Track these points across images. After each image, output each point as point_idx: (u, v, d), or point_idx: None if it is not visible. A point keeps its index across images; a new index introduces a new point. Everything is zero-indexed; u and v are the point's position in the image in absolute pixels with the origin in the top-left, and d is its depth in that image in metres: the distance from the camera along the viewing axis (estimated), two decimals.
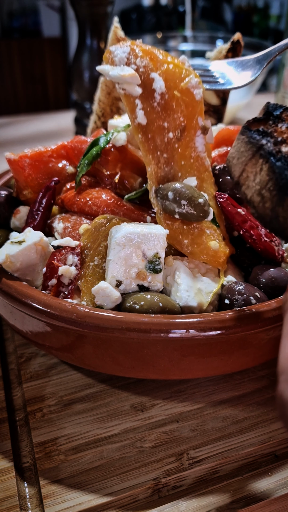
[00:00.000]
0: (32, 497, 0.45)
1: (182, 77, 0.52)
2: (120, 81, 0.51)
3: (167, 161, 0.53)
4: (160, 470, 0.46)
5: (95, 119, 0.91)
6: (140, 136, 0.52)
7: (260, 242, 0.53)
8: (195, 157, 0.54)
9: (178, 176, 0.53)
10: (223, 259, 0.52)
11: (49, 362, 0.59)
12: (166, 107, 0.52)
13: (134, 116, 0.52)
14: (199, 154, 0.54)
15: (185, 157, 0.53)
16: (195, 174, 0.54)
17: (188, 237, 0.51)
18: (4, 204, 0.63)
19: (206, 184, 0.55)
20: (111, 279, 0.48)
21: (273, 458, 0.48)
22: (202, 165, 0.54)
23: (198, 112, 0.53)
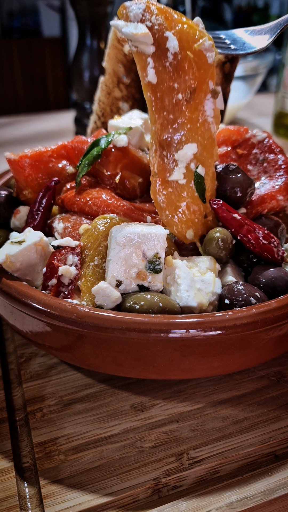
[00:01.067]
0: (32, 497, 0.45)
1: (196, 38, 0.51)
2: (133, 39, 0.50)
3: (172, 122, 0.52)
4: (160, 470, 0.46)
5: (95, 119, 0.91)
6: (149, 95, 0.52)
7: (259, 246, 0.53)
8: (202, 121, 0.53)
9: (182, 140, 0.53)
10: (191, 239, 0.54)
11: (49, 362, 0.59)
12: (178, 68, 0.51)
13: (144, 75, 0.51)
14: (206, 119, 0.53)
15: (192, 120, 0.53)
16: (198, 140, 0.53)
17: (172, 209, 0.53)
18: (4, 204, 0.63)
19: (207, 152, 0.54)
20: (111, 279, 0.48)
21: (273, 458, 0.48)
22: (208, 130, 0.54)
23: (209, 75, 0.53)
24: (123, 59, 0.86)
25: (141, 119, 0.71)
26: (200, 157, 0.54)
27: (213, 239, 0.53)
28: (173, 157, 0.54)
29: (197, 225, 0.55)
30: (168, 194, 0.54)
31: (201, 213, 0.54)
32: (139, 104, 0.90)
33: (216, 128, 0.55)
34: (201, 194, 0.54)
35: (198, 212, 0.55)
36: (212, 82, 0.53)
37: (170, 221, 0.54)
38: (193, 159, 0.54)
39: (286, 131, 1.21)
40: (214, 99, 0.53)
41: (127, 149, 0.62)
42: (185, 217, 0.54)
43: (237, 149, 0.68)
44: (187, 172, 0.54)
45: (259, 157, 0.67)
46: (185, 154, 0.53)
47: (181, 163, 0.54)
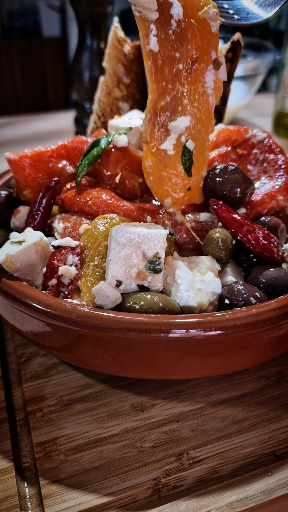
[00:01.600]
0: (32, 497, 0.45)
1: (200, 5, 0.50)
2: (137, 3, 0.49)
3: (170, 92, 0.51)
4: (160, 470, 0.46)
5: (95, 119, 0.91)
6: (149, 63, 0.51)
7: (259, 246, 0.53)
8: (201, 93, 0.52)
9: (178, 110, 0.52)
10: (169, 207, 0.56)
11: (49, 362, 0.59)
12: (181, 36, 0.50)
13: (146, 42, 0.50)
14: (206, 90, 0.52)
15: (190, 92, 0.52)
16: (193, 113, 0.52)
17: (156, 176, 0.54)
18: (4, 204, 0.63)
19: (202, 125, 0.53)
20: (111, 279, 0.48)
21: (273, 458, 0.48)
22: (206, 102, 0.53)
23: (212, 45, 0.52)
24: (123, 59, 0.86)
25: (141, 119, 0.71)
26: (192, 131, 0.53)
27: (213, 240, 0.53)
28: (165, 127, 0.53)
29: (177, 196, 0.56)
30: (155, 161, 0.55)
31: (184, 186, 0.55)
32: (139, 104, 0.90)
33: (215, 101, 0.54)
34: (187, 168, 0.55)
35: (181, 184, 0.55)
36: (215, 52, 0.52)
37: (153, 187, 0.56)
38: (184, 132, 0.53)
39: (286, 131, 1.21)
40: (216, 70, 0.52)
41: (127, 149, 0.62)
42: (167, 187, 0.55)
43: (237, 149, 0.68)
44: (177, 143, 0.54)
45: (259, 157, 0.67)
46: (177, 126, 0.53)
47: (173, 133, 0.53)
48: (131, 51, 0.85)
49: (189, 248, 0.58)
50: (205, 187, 0.58)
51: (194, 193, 0.57)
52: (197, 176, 0.56)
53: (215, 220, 0.58)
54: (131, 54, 0.85)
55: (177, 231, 0.58)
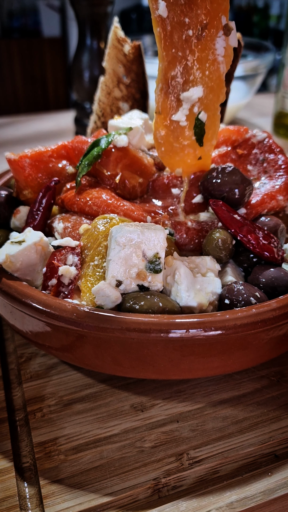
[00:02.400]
0: (32, 497, 0.45)
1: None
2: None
3: (180, 60, 0.51)
4: (160, 470, 0.46)
5: (95, 119, 0.91)
6: (158, 30, 0.50)
7: (259, 246, 0.53)
8: (212, 60, 0.51)
9: (190, 79, 0.51)
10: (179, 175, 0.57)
11: (49, 362, 0.59)
12: (191, 0, 0.48)
13: (155, 7, 0.49)
14: (217, 58, 0.51)
15: (201, 60, 0.51)
16: (205, 82, 0.52)
17: (167, 147, 0.54)
18: (4, 204, 0.63)
19: (213, 95, 0.53)
20: (111, 279, 0.48)
21: (273, 458, 0.48)
22: (217, 70, 0.52)
23: (222, 9, 0.50)
24: (123, 59, 0.86)
25: (141, 119, 0.71)
26: (205, 101, 0.53)
27: (213, 240, 0.53)
28: (177, 97, 0.53)
29: (188, 165, 0.57)
30: (167, 132, 0.55)
31: (195, 156, 0.55)
32: (139, 104, 0.90)
33: (226, 68, 0.52)
34: (199, 139, 0.55)
35: (193, 155, 0.56)
36: (225, 17, 0.51)
37: (164, 157, 0.56)
38: (197, 102, 0.53)
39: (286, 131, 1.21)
40: (226, 37, 0.51)
41: (127, 149, 0.62)
42: (179, 157, 0.56)
43: (237, 149, 0.68)
44: (189, 114, 0.53)
45: (259, 157, 0.67)
46: (190, 96, 0.52)
47: (185, 104, 0.53)
48: (131, 51, 0.85)
49: (189, 248, 0.58)
50: (203, 189, 0.58)
51: (205, 161, 0.57)
52: (208, 146, 0.55)
53: (215, 220, 0.58)
54: (131, 54, 0.85)
55: (177, 231, 0.58)
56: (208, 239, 0.54)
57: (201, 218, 0.59)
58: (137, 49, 0.85)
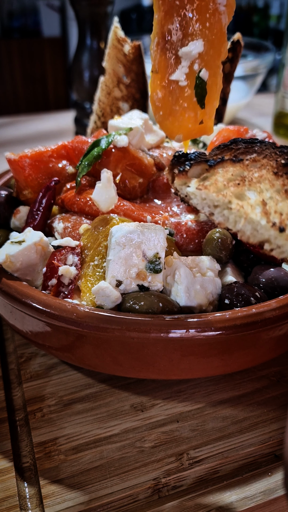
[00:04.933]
0: (32, 497, 0.45)
1: None
2: None
3: (178, 10, 0.46)
4: (160, 470, 0.46)
5: (95, 119, 0.91)
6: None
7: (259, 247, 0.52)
8: (213, 11, 0.46)
9: (188, 32, 0.47)
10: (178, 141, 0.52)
11: (49, 362, 0.59)
12: None
13: None
14: (218, 8, 0.47)
15: (200, 9, 0.46)
16: (205, 35, 0.47)
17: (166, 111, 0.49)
18: (4, 204, 0.63)
19: (214, 50, 0.48)
20: (111, 279, 0.48)
21: (273, 458, 0.48)
22: (218, 22, 0.47)
23: None
24: (123, 59, 0.86)
25: (141, 119, 0.71)
26: (205, 57, 0.48)
27: (213, 240, 0.53)
28: (176, 53, 0.48)
29: (189, 130, 0.51)
30: (165, 94, 0.50)
31: (196, 120, 0.50)
32: (139, 104, 0.90)
33: (228, 20, 0.48)
34: (200, 100, 0.50)
35: (194, 118, 0.51)
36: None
37: (162, 122, 0.51)
38: (197, 58, 0.48)
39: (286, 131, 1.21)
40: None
41: (128, 149, 0.62)
42: (178, 122, 0.51)
43: None
44: (189, 72, 0.49)
45: None
46: (189, 52, 0.47)
47: (184, 61, 0.48)
48: (131, 51, 0.85)
49: (189, 248, 0.58)
50: None
51: (206, 125, 0.51)
52: (210, 108, 0.51)
53: None
54: (131, 54, 0.85)
55: (177, 231, 0.58)
56: (208, 239, 0.54)
57: (201, 218, 0.59)
58: (137, 49, 0.85)
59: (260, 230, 0.42)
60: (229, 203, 0.43)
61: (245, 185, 0.44)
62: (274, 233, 0.41)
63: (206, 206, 0.46)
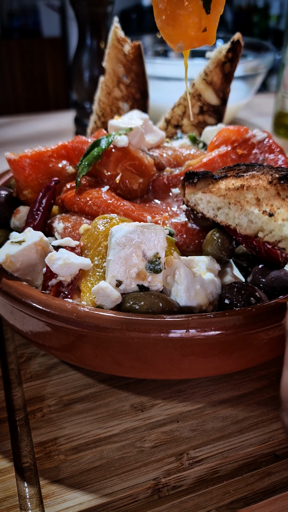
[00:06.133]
0: (32, 497, 0.45)
1: None
2: None
3: None
4: (160, 470, 0.46)
5: (95, 119, 0.91)
6: None
7: (264, 251, 0.52)
8: None
9: None
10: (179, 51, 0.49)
11: (49, 362, 0.59)
12: None
13: None
14: None
15: None
16: None
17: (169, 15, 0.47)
18: (4, 204, 0.63)
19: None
20: (111, 279, 0.48)
21: (273, 458, 0.48)
22: None
23: None
24: (123, 59, 0.86)
25: (141, 119, 0.71)
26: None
27: (213, 240, 0.53)
28: None
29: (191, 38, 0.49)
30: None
31: (201, 26, 0.48)
32: (139, 104, 0.90)
33: None
34: (207, 3, 0.47)
35: (197, 25, 0.48)
36: None
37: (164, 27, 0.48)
38: None
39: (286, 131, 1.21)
40: None
41: (128, 149, 0.62)
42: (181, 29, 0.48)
43: (237, 149, 0.68)
44: None
45: (259, 157, 0.67)
46: None
47: None
48: (131, 51, 0.85)
49: (189, 248, 0.58)
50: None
51: (209, 34, 0.49)
52: (215, 13, 0.48)
53: None
54: (131, 54, 0.85)
55: (178, 231, 0.58)
56: (208, 239, 0.54)
57: None
58: (137, 49, 0.85)
59: (254, 220, 0.46)
60: (230, 203, 0.48)
61: (243, 189, 0.48)
62: (265, 219, 0.45)
63: (211, 209, 0.51)
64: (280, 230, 0.44)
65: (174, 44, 0.49)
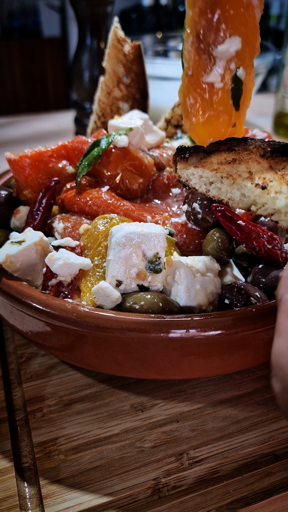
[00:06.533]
0: (32, 497, 0.45)
1: None
2: None
3: (212, 6, 0.43)
4: (160, 470, 0.46)
5: (95, 119, 0.91)
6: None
7: (264, 251, 0.52)
8: (246, 4, 0.44)
9: (222, 28, 0.44)
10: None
11: (49, 362, 0.59)
12: None
13: None
14: (251, 2, 0.44)
15: (234, 4, 0.43)
16: (241, 32, 0.44)
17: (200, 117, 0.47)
18: (4, 204, 0.63)
19: (249, 47, 0.46)
20: (111, 279, 0.48)
21: (273, 458, 0.48)
22: (252, 17, 0.45)
23: None
24: (123, 59, 0.86)
25: (141, 119, 0.71)
26: (242, 55, 0.45)
27: (213, 240, 0.53)
28: (210, 53, 0.45)
29: (221, 135, 0.49)
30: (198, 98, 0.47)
31: (230, 123, 0.48)
32: (139, 104, 0.90)
33: (260, 14, 0.45)
34: (236, 101, 0.48)
35: (228, 122, 0.48)
36: None
37: (194, 129, 0.48)
38: (234, 57, 0.45)
39: (286, 131, 1.21)
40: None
41: (128, 149, 0.62)
42: (212, 128, 0.48)
43: None
44: (225, 73, 0.46)
45: None
46: (226, 50, 0.45)
47: (219, 61, 0.45)
48: (131, 51, 0.85)
49: (189, 248, 0.58)
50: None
51: (238, 128, 0.49)
52: (244, 109, 0.49)
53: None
54: (131, 54, 0.85)
55: (178, 231, 0.58)
56: (208, 239, 0.54)
57: None
58: (137, 49, 0.85)
59: (247, 193, 0.45)
60: (222, 178, 0.47)
61: (236, 163, 0.47)
62: (258, 192, 0.44)
63: (203, 184, 0.49)
64: (273, 203, 0.43)
65: (204, 143, 0.50)
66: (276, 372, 0.31)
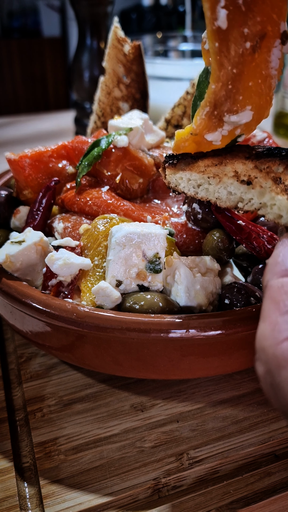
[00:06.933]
0: (32, 497, 0.45)
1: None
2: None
3: (234, 78, 0.43)
4: (160, 470, 0.46)
5: (95, 119, 0.91)
6: (216, 45, 0.42)
7: (264, 251, 0.52)
8: (265, 76, 0.44)
9: (238, 98, 0.44)
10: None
11: (49, 362, 0.59)
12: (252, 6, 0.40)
13: (214, 17, 0.41)
14: (270, 72, 0.44)
15: (254, 76, 0.44)
16: (255, 101, 0.45)
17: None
18: (4, 204, 0.63)
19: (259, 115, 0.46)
20: (111, 279, 0.48)
21: (273, 458, 0.48)
22: (268, 87, 0.45)
23: (283, 13, 0.42)
24: (123, 59, 0.86)
25: (141, 119, 0.71)
26: (249, 125, 0.47)
27: (213, 240, 0.53)
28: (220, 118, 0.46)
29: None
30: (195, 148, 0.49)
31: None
32: (139, 104, 0.90)
33: (276, 83, 0.45)
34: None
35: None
36: (284, 23, 0.43)
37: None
38: (241, 126, 0.47)
39: (286, 131, 1.21)
40: (282, 46, 0.43)
41: (128, 149, 0.62)
42: None
43: None
44: (228, 136, 0.47)
45: None
46: (238, 121, 0.46)
47: (227, 126, 0.46)
48: (131, 51, 0.85)
49: (189, 248, 0.58)
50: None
51: None
52: None
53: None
54: (131, 54, 0.85)
55: (178, 231, 0.58)
56: (208, 239, 0.54)
57: None
58: (137, 49, 0.85)
59: (234, 191, 0.46)
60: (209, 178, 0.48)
61: (222, 165, 0.48)
62: (243, 188, 0.45)
63: (191, 187, 0.50)
64: (259, 198, 0.44)
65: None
66: (260, 355, 0.33)
